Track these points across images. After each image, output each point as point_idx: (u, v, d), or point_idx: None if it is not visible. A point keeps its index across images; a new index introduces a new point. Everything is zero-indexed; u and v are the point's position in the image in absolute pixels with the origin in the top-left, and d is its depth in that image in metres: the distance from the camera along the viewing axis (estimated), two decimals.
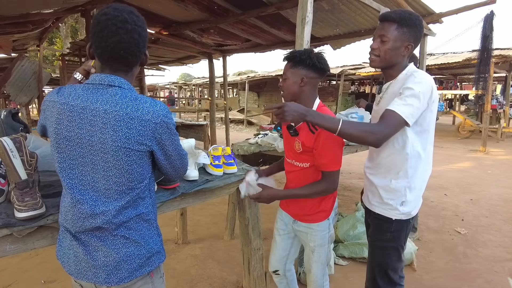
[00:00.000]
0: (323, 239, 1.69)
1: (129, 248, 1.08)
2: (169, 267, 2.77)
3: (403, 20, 1.41)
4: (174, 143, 1.12)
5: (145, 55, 1.14)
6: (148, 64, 9.91)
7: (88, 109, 1.01)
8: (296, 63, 1.55)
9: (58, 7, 4.51)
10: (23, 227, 1.26)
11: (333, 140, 1.50)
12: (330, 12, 4.08)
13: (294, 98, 1.60)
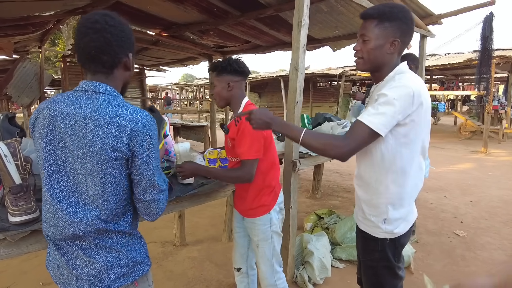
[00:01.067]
0: (265, 233, 1.77)
1: (110, 257, 1.07)
2: (166, 269, 2.78)
3: (383, 14, 1.27)
4: (150, 158, 1.04)
5: (128, 57, 1.11)
6: (149, 65, 9.94)
7: (71, 114, 1.02)
8: (220, 71, 1.70)
9: (58, 9, 4.53)
10: (16, 232, 1.27)
11: (249, 131, 1.59)
12: (329, 14, 4.08)
13: (227, 102, 1.76)
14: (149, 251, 3.17)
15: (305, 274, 2.51)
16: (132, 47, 1.14)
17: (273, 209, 1.77)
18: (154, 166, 1.07)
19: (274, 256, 1.81)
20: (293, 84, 2.30)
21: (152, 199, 1.08)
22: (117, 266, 1.09)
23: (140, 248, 1.17)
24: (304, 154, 2.54)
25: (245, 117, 1.60)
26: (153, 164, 1.06)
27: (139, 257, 1.15)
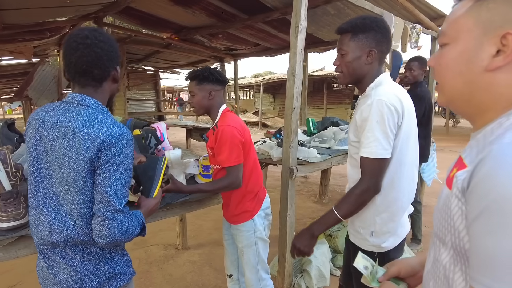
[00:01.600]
0: (249, 240, 1.76)
1: (87, 266, 1.09)
2: (166, 273, 2.81)
3: (356, 27, 1.30)
4: (109, 170, 1.01)
5: (116, 70, 1.16)
6: (163, 68, 10.11)
7: (55, 125, 1.06)
8: (201, 80, 1.70)
9: (72, 15, 4.67)
10: (3, 237, 1.31)
11: (226, 138, 1.62)
12: (336, 16, 4.03)
13: (206, 110, 1.75)
14: (152, 254, 3.22)
15: (302, 283, 2.47)
16: (119, 61, 1.18)
17: (257, 214, 1.76)
18: (114, 181, 1.02)
19: (260, 262, 1.80)
20: (290, 90, 2.27)
21: (104, 216, 1.00)
22: (94, 276, 1.10)
23: (120, 259, 1.18)
24: (302, 160, 2.51)
25: (222, 125, 1.66)
26: (113, 178, 1.02)
27: (118, 268, 1.16)
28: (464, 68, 0.60)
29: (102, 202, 1.01)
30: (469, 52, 0.59)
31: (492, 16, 0.56)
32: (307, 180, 5.92)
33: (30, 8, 3.69)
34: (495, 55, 0.56)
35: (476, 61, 0.58)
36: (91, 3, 4.00)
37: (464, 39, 0.60)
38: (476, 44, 0.58)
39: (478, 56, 0.58)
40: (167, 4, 4.25)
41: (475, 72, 0.59)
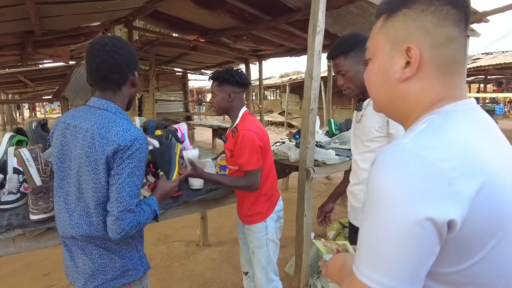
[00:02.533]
0: (261, 241, 1.79)
1: (103, 260, 1.17)
2: (186, 268, 2.90)
3: (345, 48, 1.47)
4: (123, 173, 1.07)
5: (134, 75, 1.23)
6: (191, 69, 10.35)
7: (78, 127, 1.15)
8: (222, 82, 1.73)
9: (104, 20, 4.92)
10: (34, 228, 1.43)
11: (246, 142, 1.65)
12: (360, 16, 3.97)
13: (225, 111, 1.79)
14: (174, 250, 3.34)
15: (319, 284, 2.47)
16: (137, 66, 1.25)
17: (269, 217, 1.79)
18: (128, 182, 1.08)
19: (269, 264, 1.83)
20: (308, 91, 2.28)
21: (116, 215, 1.07)
22: (109, 269, 1.18)
23: (134, 254, 1.25)
24: (319, 162, 2.50)
25: (242, 130, 1.68)
26: (127, 179, 1.08)
27: (132, 263, 1.22)
28: (382, 80, 0.66)
29: (115, 202, 1.08)
30: (384, 66, 0.65)
31: (396, 32, 0.63)
32: (331, 182, 5.86)
33: (66, 15, 3.94)
34: (405, 67, 0.62)
35: (391, 74, 0.64)
36: (121, 8, 4.19)
37: (379, 55, 0.66)
38: (388, 58, 0.64)
39: (392, 69, 0.64)
40: (193, 8, 4.37)
41: (391, 84, 0.65)
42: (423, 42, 0.60)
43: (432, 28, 0.59)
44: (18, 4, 3.14)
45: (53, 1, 3.25)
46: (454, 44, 0.60)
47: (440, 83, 0.61)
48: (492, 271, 0.54)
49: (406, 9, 0.62)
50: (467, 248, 0.52)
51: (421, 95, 0.62)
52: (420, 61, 0.60)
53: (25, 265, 2.99)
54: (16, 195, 1.60)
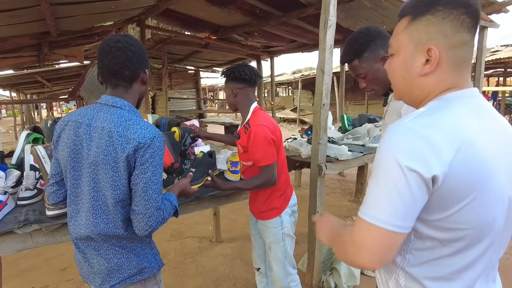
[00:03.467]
0: (277, 236, 1.79)
1: (119, 259, 1.18)
2: (199, 264, 2.93)
3: (357, 51, 1.38)
4: (148, 171, 1.09)
5: (144, 72, 1.23)
6: (203, 67, 10.39)
7: (92, 126, 1.14)
8: (233, 78, 1.75)
9: (117, 19, 4.98)
10: (50, 224, 1.46)
11: (260, 138, 1.65)
12: (373, 10, 3.89)
13: (235, 107, 1.83)
14: (187, 246, 3.36)
15: (331, 281, 2.45)
16: (147, 64, 1.25)
17: (284, 211, 1.78)
18: (151, 180, 1.10)
19: (287, 258, 1.83)
20: (319, 86, 2.25)
21: (144, 212, 1.09)
22: (125, 268, 1.19)
23: (148, 252, 1.25)
24: (332, 158, 2.47)
25: (254, 125, 1.68)
26: (151, 177, 1.09)
27: (146, 261, 1.23)
28: (404, 74, 0.80)
29: (142, 200, 1.09)
30: (407, 62, 0.78)
31: (419, 34, 0.75)
32: (344, 178, 5.81)
33: (80, 15, 4.00)
34: (425, 64, 0.75)
35: (412, 69, 0.78)
36: (133, 7, 4.23)
37: (403, 52, 0.79)
38: (411, 56, 0.77)
39: (413, 65, 0.77)
40: (204, 5, 4.38)
41: (412, 77, 0.78)
42: (442, 44, 0.73)
43: (450, 33, 0.72)
44: (34, 6, 3.21)
45: (67, 2, 3.31)
46: (466, 47, 0.73)
47: (451, 77, 0.75)
48: (467, 220, 0.69)
49: (429, 15, 0.73)
50: (447, 201, 0.68)
51: (434, 86, 0.76)
52: (439, 60, 0.73)
53: (43, 260, 3.08)
54: (33, 191, 1.64)
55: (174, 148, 2.05)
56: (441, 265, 0.75)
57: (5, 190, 1.51)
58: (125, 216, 1.16)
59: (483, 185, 0.67)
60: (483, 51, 3.81)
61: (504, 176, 0.70)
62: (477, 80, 3.88)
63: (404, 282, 0.79)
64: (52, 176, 1.27)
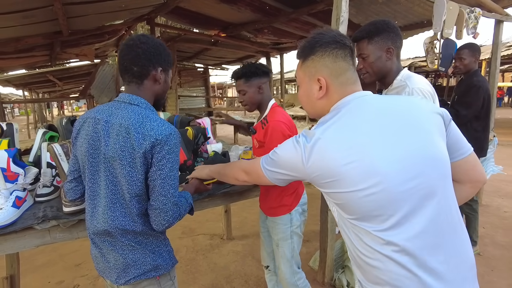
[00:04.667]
0: (285, 233, 1.80)
1: (135, 255, 1.19)
2: (211, 261, 2.94)
3: (370, 32, 1.49)
4: (165, 168, 1.12)
5: (156, 70, 1.22)
6: (212, 65, 10.42)
7: (109, 123, 1.16)
8: (249, 76, 1.74)
9: (127, 18, 5.02)
10: (67, 220, 1.49)
11: (278, 133, 1.65)
12: (385, 5, 3.84)
13: (257, 105, 1.80)
14: (199, 243, 3.38)
15: (343, 278, 2.44)
16: (162, 62, 1.23)
17: (294, 209, 1.78)
18: (169, 176, 1.13)
19: (294, 257, 1.83)
20: None
21: (161, 208, 1.12)
22: (140, 264, 1.20)
23: (163, 249, 1.26)
24: None
25: (272, 121, 1.67)
26: (168, 173, 1.12)
27: (161, 258, 1.24)
28: (308, 100, 1.05)
29: (160, 196, 1.12)
30: (307, 90, 1.04)
31: (310, 70, 1.01)
32: None
33: (91, 14, 4.05)
34: (319, 90, 0.99)
35: (311, 95, 1.02)
36: (143, 5, 4.26)
37: (303, 84, 1.05)
38: (309, 86, 1.03)
39: (311, 92, 1.02)
40: (213, 2, 4.38)
41: (313, 101, 1.03)
42: (326, 73, 0.98)
43: (330, 64, 0.97)
44: (47, 6, 3.25)
45: (79, 1, 3.34)
46: (346, 71, 0.97)
47: (338, 95, 0.98)
48: (338, 197, 0.90)
49: (313, 56, 0.99)
50: (319, 184, 0.92)
51: (329, 104, 0.99)
52: (326, 85, 0.98)
53: (59, 256, 3.14)
54: (50, 188, 1.66)
55: (187, 146, 2.06)
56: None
57: (24, 187, 1.54)
58: (141, 211, 1.17)
59: (336, 172, 0.86)
60: (499, 46, 3.73)
61: (378, 156, 0.86)
62: (492, 75, 3.80)
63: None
64: (70, 173, 1.30)
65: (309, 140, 0.90)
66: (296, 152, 0.92)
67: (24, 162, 1.62)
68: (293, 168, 0.95)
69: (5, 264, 2.08)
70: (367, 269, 0.91)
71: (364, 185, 0.84)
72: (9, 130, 2.10)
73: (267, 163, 1.05)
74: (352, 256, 0.97)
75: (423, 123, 0.91)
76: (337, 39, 0.97)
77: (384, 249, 0.85)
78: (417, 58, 12.26)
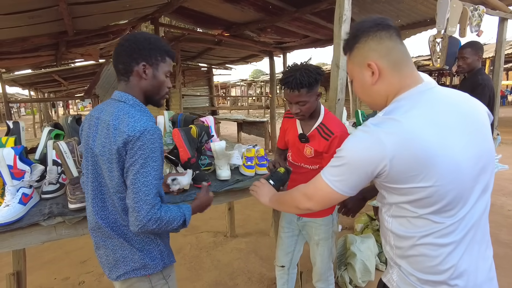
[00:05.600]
0: (327, 233, 1.82)
1: (124, 251, 1.21)
2: (214, 258, 2.97)
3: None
4: (136, 164, 1.08)
5: (138, 66, 1.18)
6: (216, 64, 10.44)
7: (99, 119, 1.20)
8: (312, 85, 1.56)
9: (131, 17, 5.05)
10: (72, 216, 1.51)
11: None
12: (387, 3, 3.84)
13: (311, 113, 1.67)
14: (202, 240, 3.41)
15: (346, 276, 2.45)
16: (146, 57, 1.19)
17: (335, 209, 1.83)
18: (142, 173, 1.08)
19: (332, 254, 1.89)
20: (334, 81, 2.25)
21: (132, 206, 1.08)
22: (129, 260, 1.22)
23: (154, 249, 1.25)
24: None
25: (340, 132, 1.62)
26: (140, 170, 1.08)
27: (150, 257, 1.24)
28: (363, 89, 1.03)
29: (131, 193, 1.09)
30: (360, 80, 1.02)
31: (358, 59, 1.00)
32: None
33: (96, 14, 4.08)
34: (372, 76, 0.97)
35: (366, 83, 1.00)
36: (147, 5, 4.28)
37: (355, 75, 1.03)
38: (361, 75, 1.01)
39: (365, 80, 1.00)
40: (217, 2, 4.40)
41: (368, 89, 1.01)
42: (375, 57, 0.96)
43: (376, 47, 0.95)
44: (53, 6, 3.29)
45: (84, 1, 3.38)
46: (394, 49, 0.95)
47: (397, 78, 0.95)
48: (420, 193, 0.86)
49: (357, 44, 0.99)
50: (399, 178, 0.86)
51: (387, 89, 0.96)
52: (378, 68, 0.95)
53: (64, 253, 3.18)
54: (55, 185, 1.69)
55: (191, 143, 2.08)
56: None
57: (30, 184, 1.57)
58: (124, 208, 1.18)
59: (428, 170, 0.83)
60: (503, 44, 3.70)
61: (459, 149, 0.86)
62: (496, 73, 3.78)
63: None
64: (82, 168, 1.35)
65: (386, 127, 0.86)
66: (372, 144, 0.86)
67: (30, 160, 1.65)
68: (370, 164, 0.87)
69: (11, 260, 2.11)
70: (421, 260, 0.93)
71: (449, 178, 0.84)
72: (15, 129, 2.13)
73: (333, 175, 0.94)
74: (404, 250, 0.95)
75: (483, 120, 0.94)
76: (378, 22, 0.96)
77: (448, 238, 0.89)
78: (420, 57, 12.19)
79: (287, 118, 1.87)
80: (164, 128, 2.56)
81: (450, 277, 0.90)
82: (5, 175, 1.47)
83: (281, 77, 1.61)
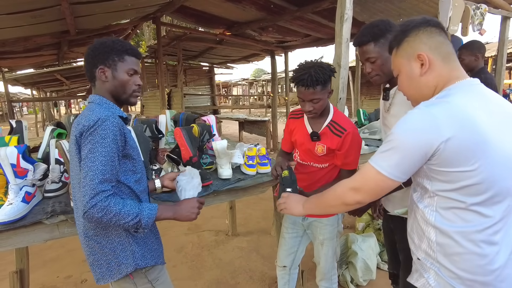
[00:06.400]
0: (332, 233, 1.83)
1: (95, 255, 1.22)
2: (216, 257, 2.98)
3: (375, 35, 1.43)
4: (85, 148, 1.10)
5: (97, 69, 1.23)
6: (217, 63, 10.44)
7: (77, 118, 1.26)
8: (326, 82, 1.56)
9: (133, 17, 5.07)
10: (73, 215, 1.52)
11: (358, 143, 1.66)
12: (389, 2, 3.83)
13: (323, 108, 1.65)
14: (204, 239, 3.41)
15: (347, 274, 2.46)
16: (102, 60, 1.22)
17: None
18: (88, 157, 1.08)
19: (336, 253, 1.91)
20: (336, 80, 2.24)
21: (81, 190, 1.08)
22: (103, 262, 1.22)
23: (126, 248, 1.21)
24: None
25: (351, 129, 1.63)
26: (87, 154, 1.09)
27: (123, 257, 1.21)
28: (411, 81, 1.04)
29: (81, 178, 1.09)
30: (408, 72, 1.03)
31: (407, 51, 1.03)
32: None
33: (98, 13, 4.09)
34: (421, 67, 0.99)
35: (414, 74, 1.02)
36: (149, 4, 4.29)
37: (403, 68, 1.05)
38: (409, 67, 1.03)
39: (413, 71, 1.02)
40: (218, 1, 4.40)
41: (416, 80, 1.02)
42: (425, 49, 0.98)
43: (427, 40, 0.99)
44: (55, 5, 3.30)
45: (86, 1, 3.39)
46: (444, 45, 0.98)
47: (446, 70, 0.98)
48: (472, 178, 0.85)
49: (407, 38, 1.02)
50: (452, 161, 0.85)
51: (436, 80, 0.98)
52: (428, 59, 0.98)
53: (66, 251, 3.19)
54: (58, 184, 1.70)
55: (193, 142, 2.09)
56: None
57: (33, 182, 1.58)
58: None
59: (483, 155, 0.84)
60: (505, 43, 3.69)
61: (510, 144, 0.87)
62: (498, 72, 3.77)
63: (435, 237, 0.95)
64: None
65: (442, 108, 0.88)
66: (427, 125, 0.86)
67: (33, 159, 1.66)
68: (425, 145, 0.86)
69: (14, 258, 2.13)
70: (469, 258, 0.89)
71: (500, 168, 0.86)
72: (18, 127, 2.15)
73: (385, 160, 0.91)
74: (449, 248, 0.92)
75: None
76: (427, 19, 1.01)
77: (497, 235, 0.88)
78: None
79: (293, 119, 1.84)
80: (166, 127, 2.57)
81: (497, 278, 0.87)
82: (9, 173, 1.48)
83: (294, 75, 1.59)
